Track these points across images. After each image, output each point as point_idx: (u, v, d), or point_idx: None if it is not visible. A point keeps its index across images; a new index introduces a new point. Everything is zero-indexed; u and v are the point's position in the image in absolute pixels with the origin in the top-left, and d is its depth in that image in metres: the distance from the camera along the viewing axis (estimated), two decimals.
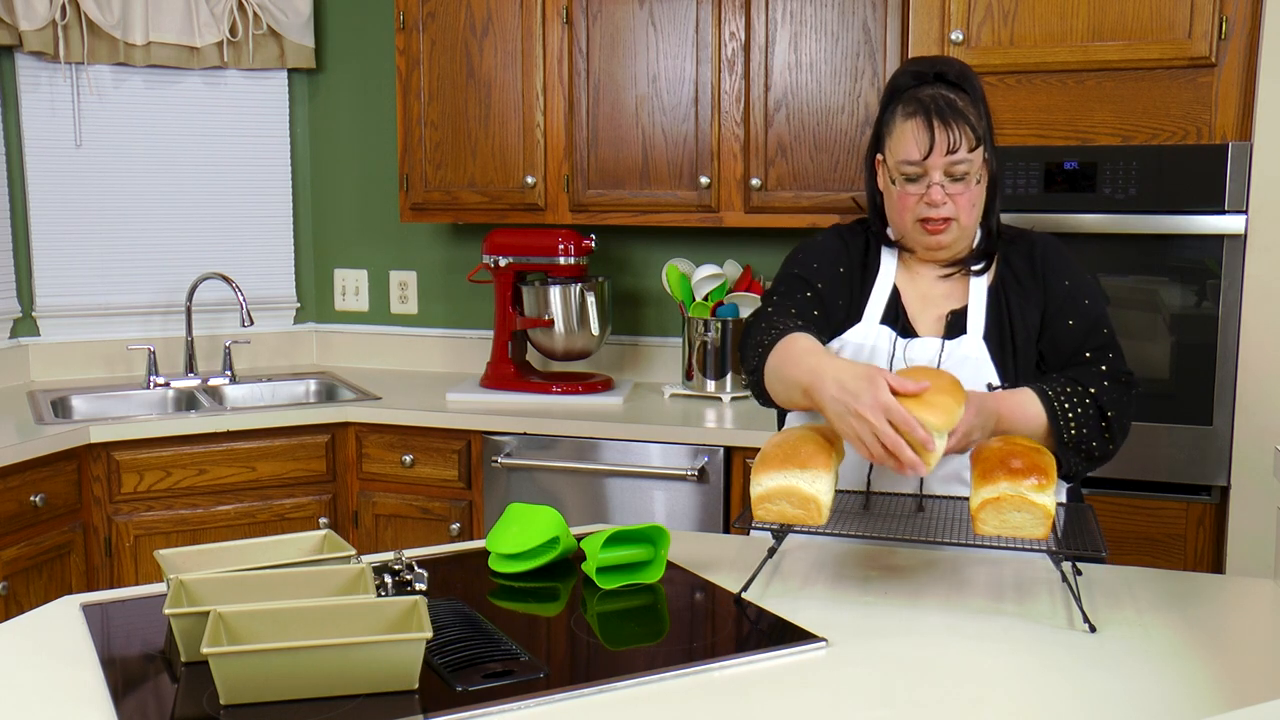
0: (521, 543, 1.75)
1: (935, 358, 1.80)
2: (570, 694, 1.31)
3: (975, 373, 1.78)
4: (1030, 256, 1.88)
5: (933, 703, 1.31)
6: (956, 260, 1.88)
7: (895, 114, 1.82)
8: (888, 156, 1.84)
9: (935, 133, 1.76)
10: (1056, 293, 1.85)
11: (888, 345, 1.84)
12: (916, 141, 1.77)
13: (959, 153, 1.77)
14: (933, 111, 1.77)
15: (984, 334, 1.82)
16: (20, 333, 3.58)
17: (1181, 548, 2.60)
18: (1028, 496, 1.51)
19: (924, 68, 1.85)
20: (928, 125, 1.77)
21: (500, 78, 3.30)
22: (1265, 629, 1.57)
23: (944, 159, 1.77)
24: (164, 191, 3.71)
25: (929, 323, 1.87)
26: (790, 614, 1.56)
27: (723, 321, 3.25)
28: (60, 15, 3.38)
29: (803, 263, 1.93)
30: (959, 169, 1.77)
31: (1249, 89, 2.51)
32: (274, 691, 1.27)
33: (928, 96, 1.79)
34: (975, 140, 1.78)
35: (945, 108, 1.77)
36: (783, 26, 3.06)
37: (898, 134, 1.81)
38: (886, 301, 1.88)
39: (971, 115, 1.78)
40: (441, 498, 3.15)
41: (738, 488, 2.90)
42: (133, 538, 3.00)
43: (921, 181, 1.79)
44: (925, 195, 1.79)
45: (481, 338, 3.77)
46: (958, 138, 1.76)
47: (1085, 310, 1.85)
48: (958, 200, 1.79)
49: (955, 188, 1.78)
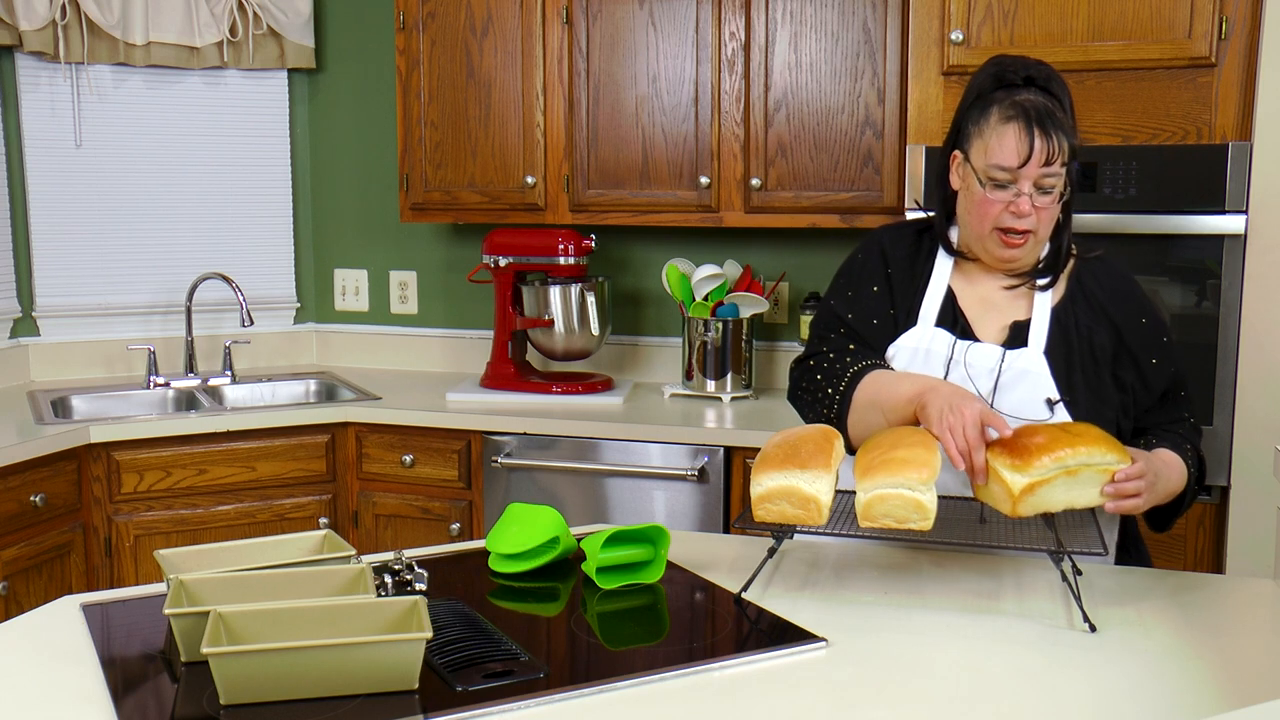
0: (521, 543, 1.75)
1: (995, 365, 1.78)
2: (570, 694, 1.31)
3: (1033, 386, 1.76)
4: (1107, 282, 1.85)
5: (933, 702, 1.31)
6: (1022, 272, 1.84)
7: (991, 114, 1.76)
8: (975, 157, 1.77)
9: (1035, 141, 1.71)
10: (1135, 327, 1.83)
11: (945, 349, 1.80)
12: (1017, 147, 1.71)
13: (1054, 165, 1.72)
14: (1034, 119, 1.72)
15: (1046, 349, 1.79)
16: (20, 333, 3.58)
17: (1181, 548, 2.60)
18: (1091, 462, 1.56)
19: (1010, 69, 1.79)
20: (1029, 133, 1.71)
21: (500, 78, 3.30)
22: (1265, 629, 1.57)
23: (1039, 170, 1.72)
24: (164, 191, 3.71)
25: (990, 329, 1.83)
26: (790, 614, 1.56)
27: (723, 321, 3.25)
28: (60, 15, 3.38)
29: (839, 292, 1.92)
30: (1049, 181, 1.73)
31: (1249, 89, 2.51)
32: (274, 691, 1.27)
33: (1029, 102, 1.74)
34: (1069, 155, 1.74)
35: (1046, 116, 1.72)
36: (783, 26, 3.06)
37: (995, 136, 1.74)
38: (941, 304, 1.84)
39: (1067, 127, 1.74)
40: (441, 498, 3.15)
41: (738, 488, 2.90)
42: (133, 538, 3.00)
43: (1010, 189, 1.74)
44: (1013, 205, 1.74)
45: (481, 338, 3.77)
46: (1056, 150, 1.71)
47: (1167, 350, 1.85)
48: (1041, 214, 1.74)
49: (1042, 200, 1.74)
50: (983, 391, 1.77)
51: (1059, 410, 1.75)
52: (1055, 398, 1.76)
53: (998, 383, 1.77)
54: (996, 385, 1.77)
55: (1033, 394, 1.76)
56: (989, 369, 1.78)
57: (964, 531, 1.64)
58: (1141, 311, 1.85)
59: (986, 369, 1.78)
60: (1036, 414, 1.75)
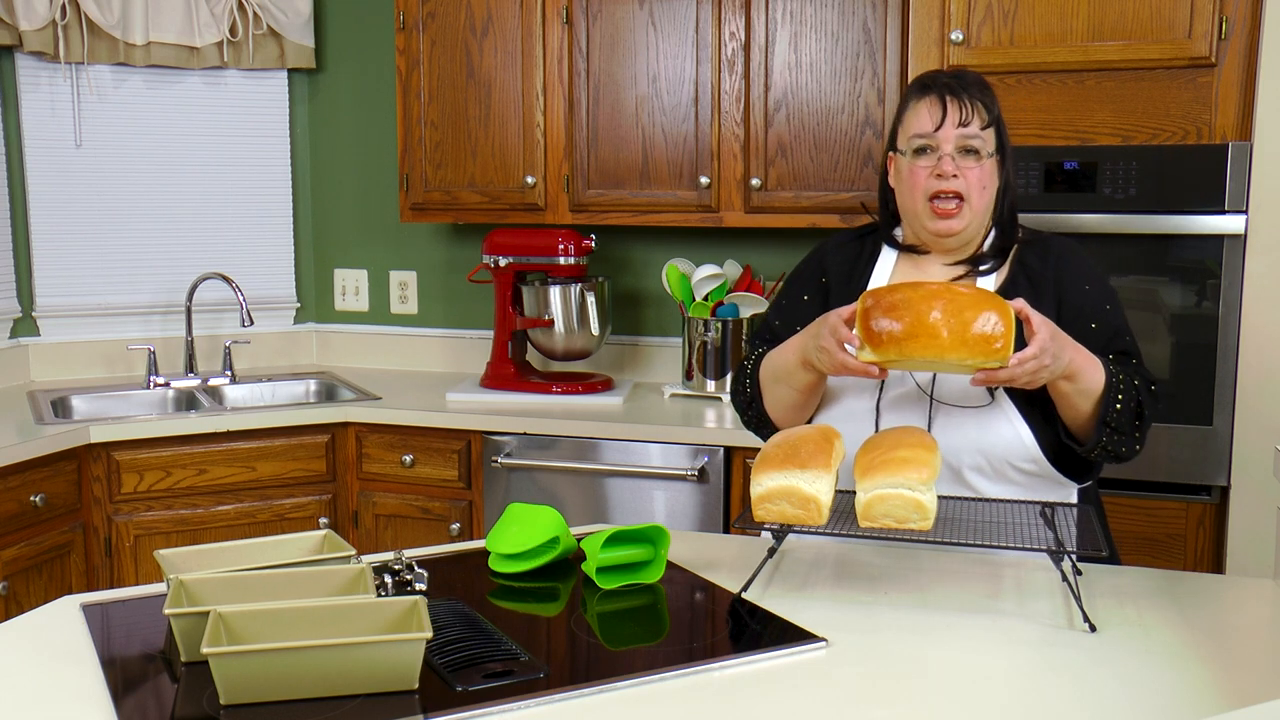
0: (521, 543, 1.75)
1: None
2: (570, 694, 1.31)
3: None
4: (1045, 258, 1.88)
5: (933, 702, 1.31)
6: (966, 259, 1.88)
7: (909, 100, 1.88)
8: (900, 139, 1.88)
9: (948, 105, 1.82)
10: (1074, 296, 1.85)
11: None
12: (930, 113, 1.83)
13: (971, 126, 1.81)
14: (945, 89, 1.83)
15: None
16: (20, 333, 3.58)
17: (1181, 548, 2.60)
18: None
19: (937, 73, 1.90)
20: (940, 99, 1.82)
21: (500, 78, 3.30)
22: (1265, 629, 1.57)
23: (956, 130, 1.81)
24: (164, 191, 3.71)
25: None
26: (790, 614, 1.56)
27: (723, 321, 3.25)
28: (60, 15, 3.38)
29: (776, 302, 2.05)
30: (971, 143, 1.81)
31: (1249, 89, 2.51)
32: (274, 691, 1.27)
33: (939, 82, 1.85)
34: (987, 119, 1.82)
35: (958, 87, 1.83)
36: (783, 26, 3.06)
37: (911, 113, 1.86)
38: None
39: (983, 99, 1.83)
40: (441, 498, 3.15)
41: (738, 488, 2.90)
42: (133, 538, 3.00)
43: (932, 154, 1.82)
44: (935, 167, 1.81)
45: (481, 338, 3.77)
46: (969, 112, 1.81)
47: (1108, 316, 1.85)
48: (968, 175, 1.81)
49: (966, 162, 1.81)
50: (921, 383, 1.82)
51: (999, 394, 1.78)
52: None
53: (936, 374, 1.80)
54: (935, 377, 1.81)
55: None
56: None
57: (964, 531, 1.64)
58: (1083, 279, 1.87)
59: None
60: (978, 400, 1.79)
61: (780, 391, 1.88)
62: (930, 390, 1.80)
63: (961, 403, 1.78)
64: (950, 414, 1.79)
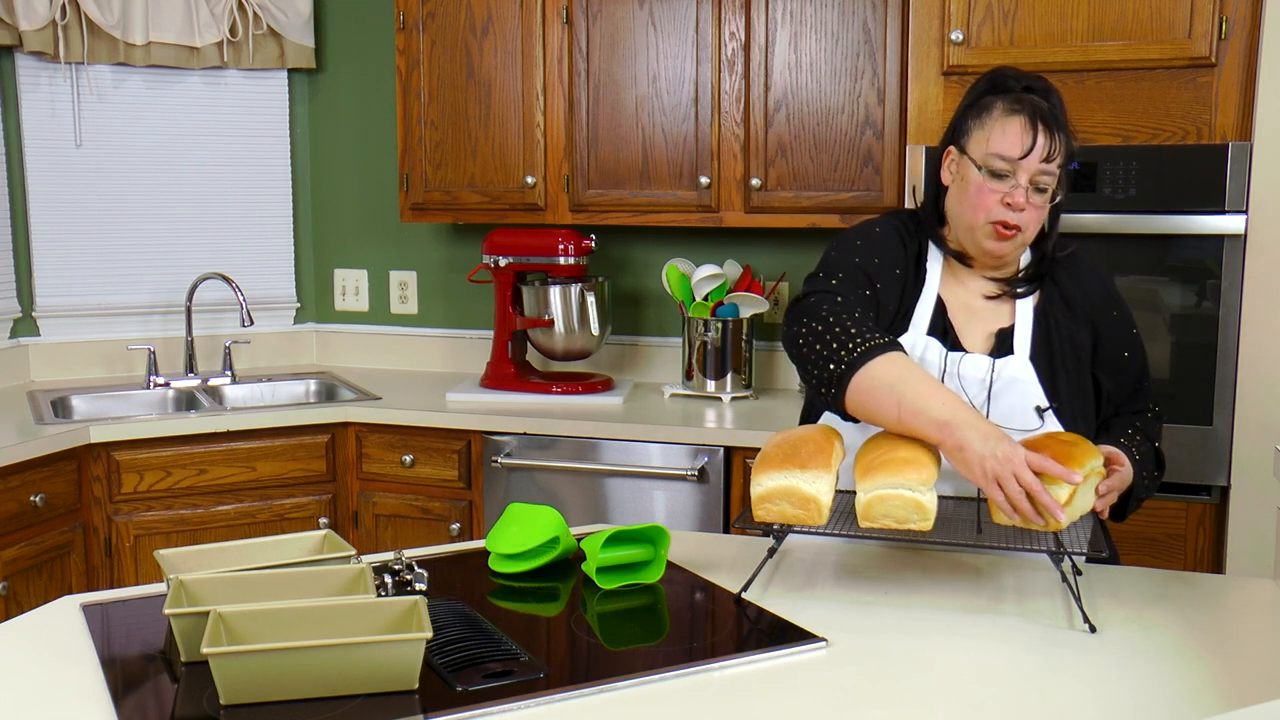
0: (521, 543, 1.75)
1: (985, 376, 1.78)
2: (570, 694, 1.31)
3: (1023, 394, 1.77)
4: (1078, 277, 1.87)
5: (933, 703, 1.31)
6: (1005, 280, 1.85)
7: (995, 107, 1.77)
8: (974, 148, 1.77)
9: (1039, 135, 1.73)
10: (1108, 321, 1.85)
11: (937, 359, 1.80)
12: (1020, 139, 1.73)
13: (1052, 163, 1.74)
14: (1038, 115, 1.74)
15: (1030, 354, 1.80)
16: (20, 333, 3.58)
17: (1181, 548, 2.60)
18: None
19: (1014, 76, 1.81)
20: (1032, 126, 1.73)
21: (500, 78, 3.30)
22: (1265, 629, 1.57)
23: (1038, 164, 1.74)
24: (164, 191, 3.71)
25: (976, 339, 1.84)
26: (790, 614, 1.56)
27: (723, 321, 3.25)
28: (60, 15, 3.38)
29: (865, 254, 1.84)
30: (1045, 180, 1.75)
31: (1249, 89, 2.51)
32: (274, 691, 1.27)
33: (1033, 101, 1.76)
34: (1066, 157, 1.76)
35: (1050, 115, 1.75)
36: (783, 26, 3.06)
37: (998, 127, 1.75)
38: (933, 311, 1.84)
39: (1067, 130, 1.77)
40: (441, 498, 3.15)
41: (738, 488, 2.90)
42: (133, 538, 3.00)
43: (1007, 180, 1.75)
44: (1008, 196, 1.74)
45: (481, 338, 3.77)
46: (1056, 148, 1.74)
47: (1135, 341, 1.88)
48: (1032, 213, 1.76)
49: (1036, 199, 1.76)
50: (976, 402, 1.78)
51: (1048, 417, 1.77)
52: (1044, 405, 1.77)
53: (990, 393, 1.78)
54: (990, 396, 1.78)
55: (1022, 401, 1.77)
56: (980, 379, 1.79)
57: (964, 532, 1.64)
58: (1113, 305, 1.88)
59: (978, 379, 1.79)
60: (1027, 422, 1.76)
61: (887, 403, 1.63)
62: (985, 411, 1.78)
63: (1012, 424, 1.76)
64: None
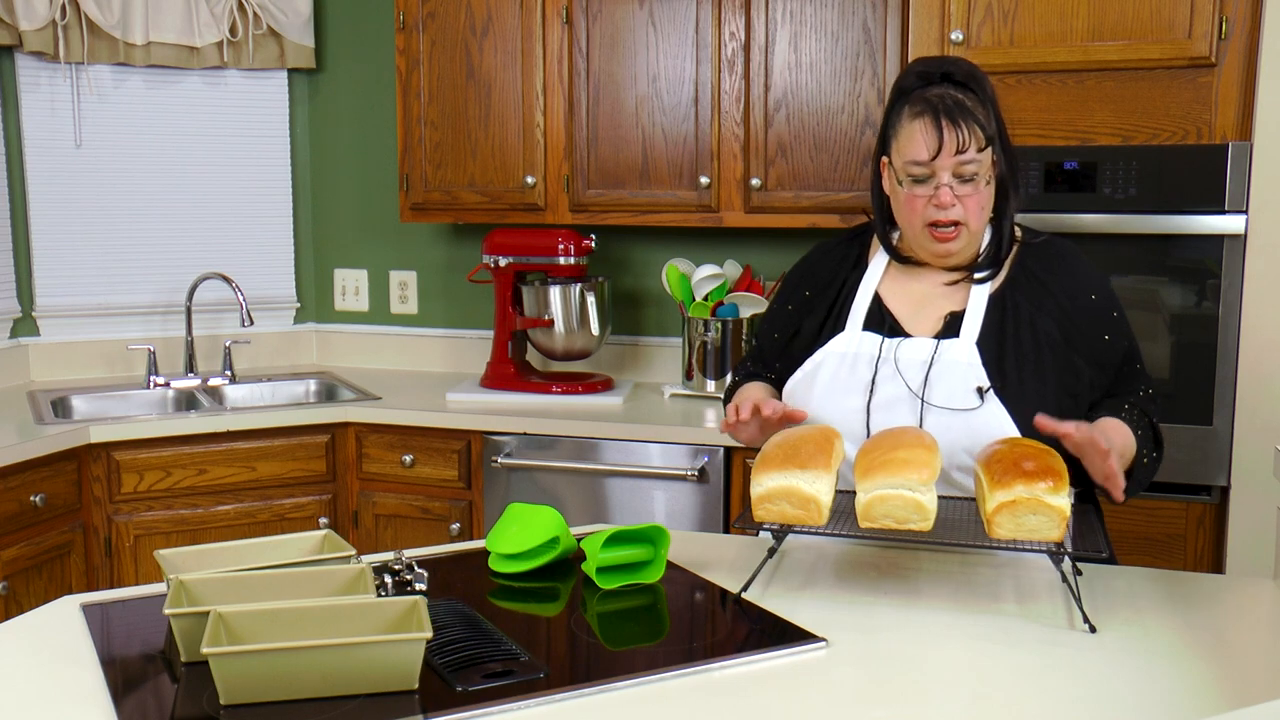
0: (521, 543, 1.75)
1: (926, 358, 1.79)
2: (570, 694, 1.31)
3: (964, 376, 1.77)
4: (1047, 262, 1.86)
5: (933, 703, 1.31)
6: (962, 266, 1.86)
7: (902, 114, 1.80)
8: (894, 158, 1.81)
9: (944, 132, 1.73)
10: (1082, 306, 1.83)
11: (873, 349, 1.83)
12: (925, 141, 1.75)
13: (968, 153, 1.74)
14: (940, 111, 1.75)
15: (979, 337, 1.80)
16: (20, 333, 3.58)
17: (1181, 548, 2.60)
18: (1043, 499, 1.51)
19: (930, 68, 1.82)
20: (936, 125, 1.74)
21: (500, 78, 3.30)
22: (1265, 629, 1.57)
23: (952, 159, 1.74)
24: (164, 191, 3.71)
25: (925, 324, 1.85)
26: (790, 614, 1.56)
27: (723, 321, 3.25)
28: (60, 15, 3.38)
29: (793, 290, 2.01)
30: (968, 169, 1.75)
31: (1249, 89, 2.51)
32: (274, 691, 1.27)
33: (935, 96, 1.77)
34: (984, 140, 1.76)
35: (954, 107, 1.75)
36: (783, 26, 3.06)
37: (905, 134, 1.78)
38: (868, 309, 1.87)
39: (980, 115, 1.76)
40: (441, 498, 3.15)
41: (738, 488, 2.90)
42: (133, 538, 3.00)
43: (929, 183, 1.77)
44: (934, 197, 1.76)
45: (481, 338, 3.77)
46: (966, 138, 1.74)
47: (1118, 325, 1.85)
48: (966, 203, 1.77)
49: (964, 189, 1.76)
50: (913, 385, 1.79)
51: (989, 398, 1.76)
52: (985, 385, 1.76)
53: (928, 375, 1.79)
54: (927, 378, 1.79)
55: (964, 383, 1.77)
56: (920, 361, 1.80)
57: (964, 532, 1.64)
58: (1089, 288, 1.85)
59: (918, 361, 1.80)
60: (967, 403, 1.76)
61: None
62: (921, 392, 1.79)
63: (951, 404, 1.77)
64: (940, 415, 1.78)
